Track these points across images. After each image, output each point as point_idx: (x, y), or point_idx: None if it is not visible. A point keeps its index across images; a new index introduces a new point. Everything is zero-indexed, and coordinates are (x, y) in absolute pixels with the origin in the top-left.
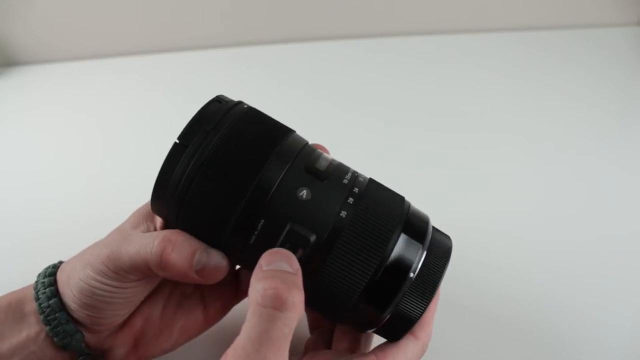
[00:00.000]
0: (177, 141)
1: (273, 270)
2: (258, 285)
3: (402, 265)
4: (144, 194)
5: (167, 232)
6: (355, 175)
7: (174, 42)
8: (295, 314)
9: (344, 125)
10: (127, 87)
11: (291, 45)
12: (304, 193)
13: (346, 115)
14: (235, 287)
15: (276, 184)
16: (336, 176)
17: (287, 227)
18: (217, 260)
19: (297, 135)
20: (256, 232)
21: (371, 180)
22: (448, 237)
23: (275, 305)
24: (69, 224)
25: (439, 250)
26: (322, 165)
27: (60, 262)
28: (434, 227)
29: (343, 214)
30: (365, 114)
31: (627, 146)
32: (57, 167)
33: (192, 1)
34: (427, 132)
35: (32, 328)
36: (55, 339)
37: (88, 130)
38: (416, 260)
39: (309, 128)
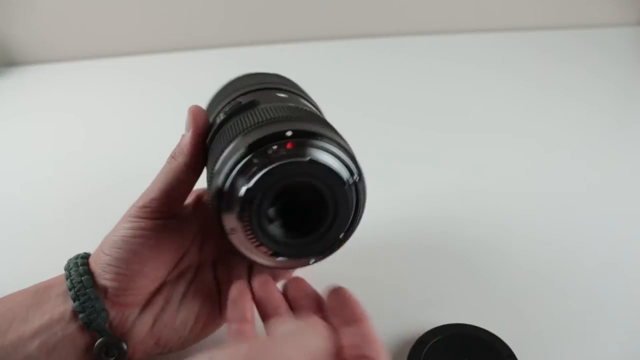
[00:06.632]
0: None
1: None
2: None
3: None
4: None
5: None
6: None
7: (174, 42)
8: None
9: (343, 124)
10: (127, 87)
11: (291, 45)
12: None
13: (346, 114)
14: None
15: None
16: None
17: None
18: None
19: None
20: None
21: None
22: None
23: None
24: (69, 224)
25: None
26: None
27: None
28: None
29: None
30: (366, 114)
31: (626, 145)
32: (57, 166)
33: (191, 1)
34: (427, 131)
35: (56, 310)
36: (80, 315)
37: (88, 130)
38: None
39: None
